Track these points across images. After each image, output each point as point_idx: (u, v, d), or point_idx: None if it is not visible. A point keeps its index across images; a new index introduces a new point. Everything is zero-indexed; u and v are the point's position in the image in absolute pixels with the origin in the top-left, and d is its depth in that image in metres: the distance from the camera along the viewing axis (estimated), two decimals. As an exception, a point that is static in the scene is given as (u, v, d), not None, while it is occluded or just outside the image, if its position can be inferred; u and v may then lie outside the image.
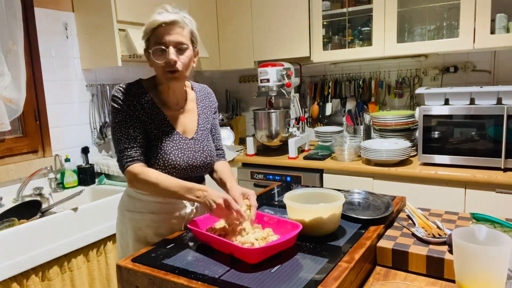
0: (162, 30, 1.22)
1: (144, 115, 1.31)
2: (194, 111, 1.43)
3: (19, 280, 1.62)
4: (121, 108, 1.28)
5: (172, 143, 1.32)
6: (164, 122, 1.33)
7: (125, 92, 1.29)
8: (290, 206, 1.19)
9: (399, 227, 1.24)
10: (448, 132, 2.11)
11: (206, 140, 1.42)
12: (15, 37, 1.97)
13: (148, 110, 1.31)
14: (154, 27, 1.22)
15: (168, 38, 1.22)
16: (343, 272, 0.94)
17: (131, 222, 1.37)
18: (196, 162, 1.37)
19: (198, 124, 1.42)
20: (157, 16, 1.22)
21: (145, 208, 1.36)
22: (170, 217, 1.37)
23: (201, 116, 1.44)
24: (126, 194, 1.43)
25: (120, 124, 1.28)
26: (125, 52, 2.28)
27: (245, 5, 2.89)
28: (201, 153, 1.38)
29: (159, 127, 1.32)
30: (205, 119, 1.46)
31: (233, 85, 3.53)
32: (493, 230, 0.88)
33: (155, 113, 1.32)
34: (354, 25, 2.68)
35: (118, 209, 1.46)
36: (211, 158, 1.42)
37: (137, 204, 1.37)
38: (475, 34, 2.14)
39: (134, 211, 1.37)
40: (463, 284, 0.85)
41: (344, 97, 2.94)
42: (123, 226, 1.41)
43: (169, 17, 1.22)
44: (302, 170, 2.51)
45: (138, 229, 1.36)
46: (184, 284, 0.94)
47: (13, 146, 2.15)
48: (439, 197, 2.07)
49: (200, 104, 1.46)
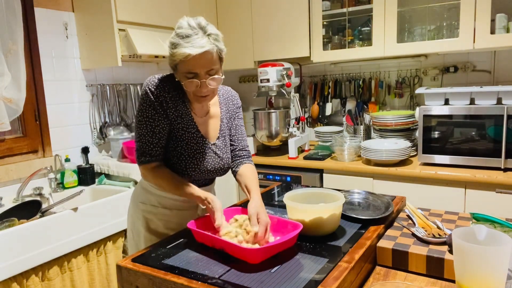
0: (193, 61, 1.16)
1: (174, 113, 1.29)
2: (217, 116, 1.41)
3: (19, 280, 1.62)
4: (152, 104, 1.26)
5: (196, 146, 1.33)
6: (191, 124, 1.32)
7: (160, 87, 1.26)
8: (290, 206, 1.19)
9: (399, 227, 1.24)
10: (448, 132, 2.11)
11: (226, 146, 1.43)
12: (15, 37, 1.97)
13: (179, 108, 1.30)
14: (183, 58, 1.15)
15: (199, 69, 1.18)
16: (343, 272, 0.94)
17: (144, 213, 1.41)
18: (214, 168, 1.38)
19: (220, 130, 1.41)
20: (185, 47, 1.14)
21: (158, 202, 1.39)
22: (181, 213, 1.41)
23: (223, 121, 1.43)
24: (140, 186, 1.46)
25: (148, 119, 1.26)
26: (125, 52, 2.28)
27: (245, 5, 2.89)
28: (220, 159, 1.39)
29: (186, 128, 1.32)
30: (227, 124, 1.45)
31: (233, 85, 3.51)
32: (493, 230, 0.88)
33: (184, 114, 1.31)
34: (354, 25, 2.68)
35: (131, 200, 1.49)
36: (228, 165, 1.44)
37: (150, 197, 1.40)
38: (475, 34, 2.14)
39: (147, 203, 1.41)
40: (463, 284, 0.85)
41: (344, 97, 2.94)
42: (135, 215, 1.44)
43: (199, 49, 1.14)
44: (302, 170, 2.51)
45: (150, 221, 1.40)
46: (184, 284, 0.94)
47: (13, 146, 2.15)
48: (439, 197, 2.07)
49: (224, 108, 1.44)
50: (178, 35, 1.17)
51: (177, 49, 1.16)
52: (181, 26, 1.18)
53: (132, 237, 1.48)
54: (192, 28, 1.16)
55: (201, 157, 1.34)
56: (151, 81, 1.27)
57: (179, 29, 1.17)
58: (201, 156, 1.34)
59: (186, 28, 1.16)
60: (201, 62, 1.17)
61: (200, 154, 1.33)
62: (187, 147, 1.32)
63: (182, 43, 1.15)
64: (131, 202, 1.49)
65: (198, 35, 1.16)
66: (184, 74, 1.20)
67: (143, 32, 2.33)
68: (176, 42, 1.16)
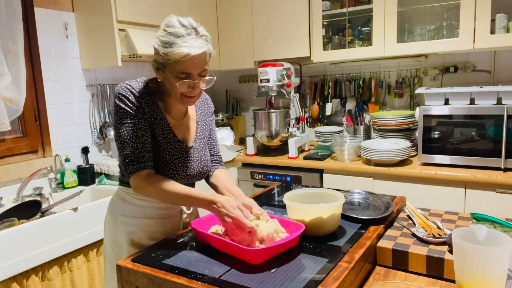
0: (189, 62, 1.13)
1: (150, 118, 1.25)
2: (193, 118, 1.39)
3: (19, 280, 1.62)
4: (129, 109, 1.21)
5: (174, 152, 1.29)
6: (167, 129, 1.29)
7: (133, 92, 1.22)
8: (290, 206, 1.19)
9: (399, 227, 1.24)
10: (448, 132, 2.11)
11: (204, 149, 1.40)
12: (15, 37, 1.97)
13: (153, 114, 1.26)
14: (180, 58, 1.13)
15: (194, 69, 1.16)
16: (343, 272, 0.94)
17: (125, 226, 1.32)
18: (193, 172, 1.34)
19: (196, 132, 1.39)
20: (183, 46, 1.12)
21: (140, 213, 1.32)
22: (165, 222, 1.34)
23: (199, 123, 1.41)
24: (118, 197, 1.37)
25: (128, 124, 1.20)
26: (125, 52, 2.28)
27: (245, 5, 2.89)
28: (198, 162, 1.36)
29: (162, 134, 1.28)
30: (204, 126, 1.43)
31: (233, 85, 3.53)
32: (493, 230, 0.88)
33: (159, 118, 1.27)
34: (354, 25, 2.68)
35: (109, 212, 1.40)
36: (207, 167, 1.41)
37: (131, 208, 1.33)
38: (475, 34, 2.14)
39: (128, 215, 1.32)
40: (463, 284, 0.85)
41: (344, 97, 2.94)
42: (116, 229, 1.34)
43: (198, 49, 1.13)
44: (302, 170, 2.51)
45: (133, 233, 1.32)
46: (184, 284, 0.94)
47: (13, 146, 2.15)
48: (439, 197, 2.07)
49: (199, 111, 1.43)
50: (171, 34, 1.13)
51: (173, 48, 1.12)
52: (173, 25, 1.14)
53: (112, 253, 1.36)
54: (186, 28, 1.14)
55: (180, 162, 1.30)
56: (122, 88, 1.22)
57: (171, 28, 1.13)
58: (180, 161, 1.30)
59: (178, 27, 1.13)
60: (196, 63, 1.15)
61: (178, 159, 1.30)
62: (164, 153, 1.27)
63: (178, 42, 1.12)
64: (109, 214, 1.39)
65: (192, 36, 1.14)
66: (176, 75, 1.16)
67: (143, 32, 2.33)
68: (171, 41, 1.12)
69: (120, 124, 1.21)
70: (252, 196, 1.56)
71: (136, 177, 1.20)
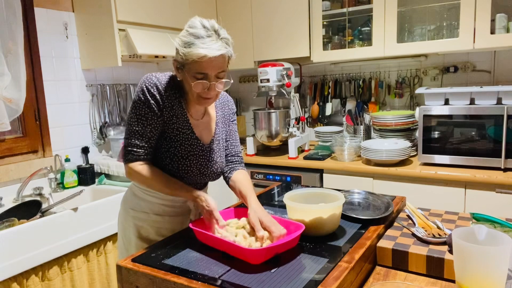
0: (207, 63, 1.15)
1: (169, 112, 1.27)
2: (213, 118, 1.40)
3: (19, 280, 1.62)
4: (147, 101, 1.23)
5: (190, 148, 1.31)
6: (186, 125, 1.30)
7: (158, 86, 1.24)
8: (290, 206, 1.19)
9: (399, 227, 1.24)
10: (448, 132, 2.11)
11: (221, 150, 1.41)
12: (15, 37, 1.97)
13: (175, 109, 1.28)
14: (198, 59, 1.14)
15: (211, 70, 1.17)
16: (343, 272, 0.94)
17: (134, 220, 1.38)
18: (207, 171, 1.36)
19: (215, 134, 1.40)
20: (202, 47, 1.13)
21: (149, 208, 1.36)
22: (173, 219, 1.39)
23: (219, 124, 1.42)
24: (130, 192, 1.42)
25: (140, 117, 1.24)
26: (125, 52, 2.28)
27: (245, 5, 2.89)
28: (213, 162, 1.37)
29: (180, 129, 1.29)
30: (222, 128, 1.44)
31: (233, 85, 3.52)
32: (493, 230, 0.88)
33: (179, 114, 1.29)
34: (354, 25, 2.68)
35: (122, 205, 1.45)
36: (221, 169, 1.42)
37: (141, 203, 1.37)
38: (475, 34, 2.14)
39: (138, 210, 1.38)
40: (463, 284, 0.85)
41: (344, 97, 2.94)
42: (126, 222, 1.41)
43: (216, 51, 1.14)
44: (302, 170, 2.51)
45: (141, 227, 1.37)
46: (184, 284, 0.94)
47: (13, 146, 2.15)
48: (439, 197, 2.07)
49: (220, 112, 1.44)
50: (191, 35, 1.15)
51: (191, 49, 1.14)
52: (195, 25, 1.16)
53: (122, 244, 1.44)
54: (206, 30, 1.15)
55: (194, 159, 1.32)
56: (148, 79, 1.25)
57: (192, 29, 1.16)
58: (194, 158, 1.32)
59: (200, 29, 1.15)
60: (214, 64, 1.16)
61: (193, 156, 1.31)
62: (180, 148, 1.29)
63: (197, 43, 1.13)
64: (122, 208, 1.45)
65: (212, 38, 1.15)
66: (193, 75, 1.18)
67: (143, 32, 2.33)
68: (191, 42, 1.14)
69: (135, 114, 1.24)
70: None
71: (131, 165, 1.26)
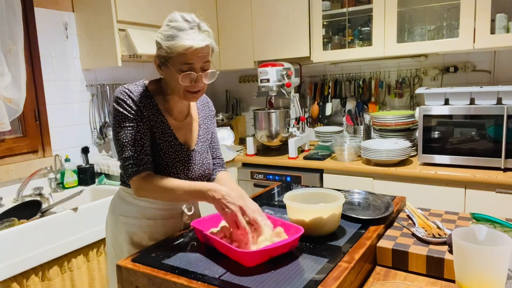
0: (192, 54, 1.14)
1: (150, 121, 1.25)
2: (195, 120, 1.39)
3: (19, 280, 1.62)
4: (127, 113, 1.21)
5: (175, 155, 1.29)
6: (167, 131, 1.28)
7: (131, 96, 1.22)
8: (290, 206, 1.19)
9: (399, 227, 1.24)
10: (448, 132, 2.11)
11: (206, 152, 1.39)
12: (15, 37, 1.97)
13: (153, 117, 1.25)
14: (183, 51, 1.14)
15: (197, 62, 1.17)
16: (343, 272, 0.94)
17: (126, 226, 1.32)
18: (194, 175, 1.34)
19: (199, 135, 1.38)
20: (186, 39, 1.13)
21: (140, 213, 1.32)
22: (166, 222, 1.34)
23: (202, 126, 1.40)
24: (119, 197, 1.37)
25: (125, 128, 1.20)
26: (125, 52, 2.28)
27: (245, 5, 2.89)
28: (200, 166, 1.35)
29: (162, 137, 1.27)
30: (206, 129, 1.42)
31: (233, 85, 3.53)
32: (493, 230, 0.88)
33: (160, 121, 1.27)
34: (354, 25, 2.68)
35: (110, 212, 1.40)
36: (209, 171, 1.40)
37: (132, 209, 1.33)
38: (475, 34, 2.14)
39: (128, 215, 1.33)
40: (463, 284, 0.85)
41: (344, 97, 2.94)
42: (116, 229, 1.35)
43: (201, 42, 1.14)
44: (302, 170, 2.51)
45: (133, 234, 1.32)
46: (184, 284, 0.94)
47: (13, 146, 2.15)
48: (439, 197, 2.07)
49: (201, 114, 1.42)
50: (174, 28, 1.15)
51: (175, 41, 1.14)
52: (176, 19, 1.16)
53: (113, 252, 1.37)
54: (188, 23, 1.16)
55: (180, 165, 1.29)
56: (121, 92, 1.22)
57: (174, 22, 1.16)
58: (180, 165, 1.29)
59: (181, 22, 1.15)
60: (199, 55, 1.16)
61: (179, 163, 1.29)
62: (164, 156, 1.27)
63: (181, 35, 1.14)
64: (110, 214, 1.39)
65: (194, 30, 1.16)
66: (179, 68, 1.17)
67: (143, 32, 2.33)
68: (174, 34, 1.14)
69: (119, 127, 1.21)
70: (252, 196, 1.56)
71: (135, 179, 1.20)
